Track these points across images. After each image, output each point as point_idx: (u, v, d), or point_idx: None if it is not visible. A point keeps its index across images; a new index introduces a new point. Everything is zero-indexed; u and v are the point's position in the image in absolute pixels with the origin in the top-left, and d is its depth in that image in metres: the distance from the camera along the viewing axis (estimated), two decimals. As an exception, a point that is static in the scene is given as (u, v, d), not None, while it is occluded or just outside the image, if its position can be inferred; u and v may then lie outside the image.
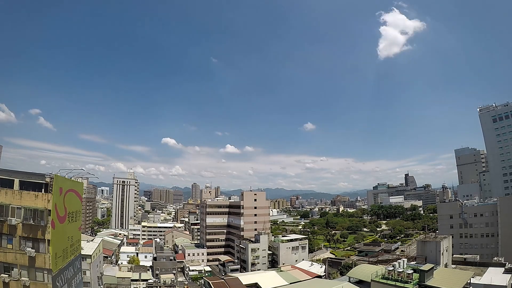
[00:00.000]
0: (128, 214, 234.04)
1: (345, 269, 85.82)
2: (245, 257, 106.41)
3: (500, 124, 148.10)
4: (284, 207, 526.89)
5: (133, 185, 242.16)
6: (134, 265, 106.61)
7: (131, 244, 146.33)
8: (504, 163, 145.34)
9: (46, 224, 34.17)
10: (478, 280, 47.85)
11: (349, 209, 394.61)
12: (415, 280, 41.29)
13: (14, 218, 33.64)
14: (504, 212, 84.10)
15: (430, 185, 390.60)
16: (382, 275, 44.19)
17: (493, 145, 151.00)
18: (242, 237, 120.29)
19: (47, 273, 34.46)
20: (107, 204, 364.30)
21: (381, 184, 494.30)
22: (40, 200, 34.33)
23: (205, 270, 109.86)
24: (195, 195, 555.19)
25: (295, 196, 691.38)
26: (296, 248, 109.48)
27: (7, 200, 33.79)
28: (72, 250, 41.34)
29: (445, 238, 55.76)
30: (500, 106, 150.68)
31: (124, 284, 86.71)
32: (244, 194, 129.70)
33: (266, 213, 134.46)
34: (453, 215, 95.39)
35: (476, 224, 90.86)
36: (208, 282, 72.95)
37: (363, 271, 51.07)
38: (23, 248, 33.96)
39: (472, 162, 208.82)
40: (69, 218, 40.03)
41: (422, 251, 54.92)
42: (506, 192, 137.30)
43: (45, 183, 35.42)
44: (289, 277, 77.19)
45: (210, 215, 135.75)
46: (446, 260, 53.90)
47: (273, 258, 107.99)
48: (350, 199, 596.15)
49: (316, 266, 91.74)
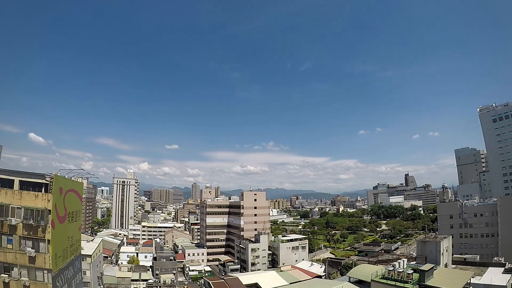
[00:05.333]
0: (128, 214, 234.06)
1: (345, 269, 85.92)
2: (245, 257, 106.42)
3: (500, 124, 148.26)
4: (284, 207, 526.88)
5: (133, 185, 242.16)
6: (134, 265, 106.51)
7: (131, 244, 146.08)
8: (504, 163, 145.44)
9: (46, 224, 34.15)
10: (478, 280, 47.88)
11: (349, 209, 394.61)
12: (415, 280, 41.28)
13: (14, 218, 33.63)
14: (504, 212, 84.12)
15: (430, 185, 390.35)
16: (382, 275, 44.20)
17: (493, 145, 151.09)
18: (242, 237, 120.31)
19: (47, 273, 34.43)
20: (107, 204, 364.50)
21: (381, 184, 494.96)
22: (40, 200, 34.28)
23: (205, 270, 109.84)
24: (195, 195, 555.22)
25: (295, 196, 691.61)
26: (296, 248, 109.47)
27: (7, 200, 33.76)
28: (72, 250, 41.30)
29: (445, 238, 55.80)
30: (500, 106, 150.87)
31: (124, 284, 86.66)
32: (244, 194, 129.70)
33: (266, 213, 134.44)
34: (453, 215, 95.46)
35: (476, 224, 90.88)
36: (208, 282, 72.97)
37: (363, 271, 51.02)
38: (23, 248, 33.93)
39: (472, 162, 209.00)
40: (69, 218, 40.00)
41: (422, 251, 54.97)
42: (506, 192, 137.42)
43: (45, 183, 35.39)
44: (289, 277, 77.18)
45: (210, 215, 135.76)
46: (446, 260, 53.93)
47: (273, 258, 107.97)
48: (350, 199, 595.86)
49: (316, 266, 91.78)
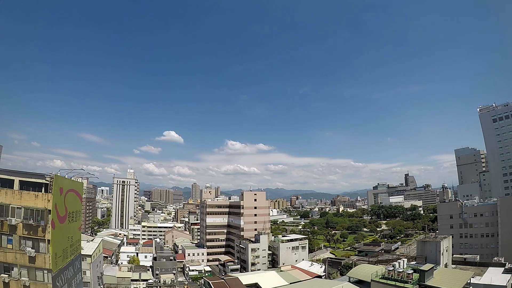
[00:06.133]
0: (128, 214, 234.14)
1: (345, 269, 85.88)
2: (245, 257, 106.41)
3: (500, 124, 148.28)
4: (284, 207, 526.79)
5: (133, 185, 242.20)
6: (134, 265, 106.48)
7: (131, 244, 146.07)
8: (504, 163, 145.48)
9: (46, 224, 34.15)
10: (478, 280, 47.86)
11: (349, 209, 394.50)
12: (415, 280, 41.26)
13: (14, 218, 33.61)
14: (504, 212, 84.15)
15: (430, 185, 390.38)
16: (382, 275, 44.13)
17: (493, 145, 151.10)
18: (242, 237, 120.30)
19: (47, 273, 34.43)
20: (107, 204, 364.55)
21: (381, 184, 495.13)
22: (40, 200, 34.27)
23: (205, 270, 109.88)
24: (195, 195, 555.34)
25: (295, 196, 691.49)
26: (296, 248, 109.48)
27: (7, 200, 33.75)
28: (72, 250, 41.31)
29: (445, 238, 55.76)
30: (500, 106, 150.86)
31: (124, 284, 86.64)
32: (244, 194, 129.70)
33: (266, 213, 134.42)
34: (453, 215, 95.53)
35: (476, 224, 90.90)
36: (208, 282, 73.01)
37: (363, 271, 50.96)
38: (23, 248, 33.93)
39: (472, 162, 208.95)
40: (69, 218, 40.01)
41: (422, 251, 54.92)
42: (506, 192, 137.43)
43: (45, 183, 35.38)
44: (289, 277, 77.17)
45: (210, 215, 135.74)
46: (446, 260, 53.90)
47: (273, 258, 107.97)
48: (350, 199, 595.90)
49: (316, 266, 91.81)
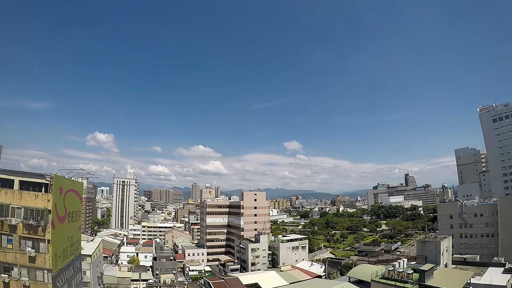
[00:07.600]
0: (128, 214, 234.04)
1: (345, 269, 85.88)
2: (245, 257, 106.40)
3: (500, 124, 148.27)
4: (284, 207, 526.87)
5: (133, 185, 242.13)
6: (134, 265, 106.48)
7: (131, 244, 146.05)
8: (504, 163, 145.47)
9: (46, 224, 34.14)
10: (478, 280, 47.84)
11: (349, 209, 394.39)
12: (415, 280, 41.25)
13: (14, 218, 33.60)
14: (504, 212, 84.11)
15: (430, 185, 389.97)
16: (382, 275, 44.13)
17: (493, 145, 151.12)
18: (242, 237, 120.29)
19: (47, 273, 34.41)
20: (107, 204, 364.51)
21: (381, 184, 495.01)
22: (40, 200, 34.26)
23: (205, 270, 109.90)
24: (195, 195, 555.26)
25: (295, 196, 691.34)
26: (296, 248, 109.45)
27: (7, 200, 33.74)
28: (72, 250, 41.30)
29: (445, 238, 55.74)
30: (500, 106, 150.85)
31: (124, 284, 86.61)
32: (244, 194, 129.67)
33: (266, 213, 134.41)
34: (453, 215, 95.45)
35: (476, 224, 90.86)
36: (208, 282, 73.00)
37: (363, 271, 50.98)
38: (23, 248, 33.92)
39: (472, 162, 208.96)
40: (69, 218, 39.99)
41: (422, 251, 54.90)
42: (506, 192, 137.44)
43: (45, 183, 35.37)
44: (289, 277, 77.16)
45: (210, 215, 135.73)
46: (446, 260, 53.88)
47: (273, 258, 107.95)
48: (350, 199, 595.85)
49: (316, 266, 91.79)
